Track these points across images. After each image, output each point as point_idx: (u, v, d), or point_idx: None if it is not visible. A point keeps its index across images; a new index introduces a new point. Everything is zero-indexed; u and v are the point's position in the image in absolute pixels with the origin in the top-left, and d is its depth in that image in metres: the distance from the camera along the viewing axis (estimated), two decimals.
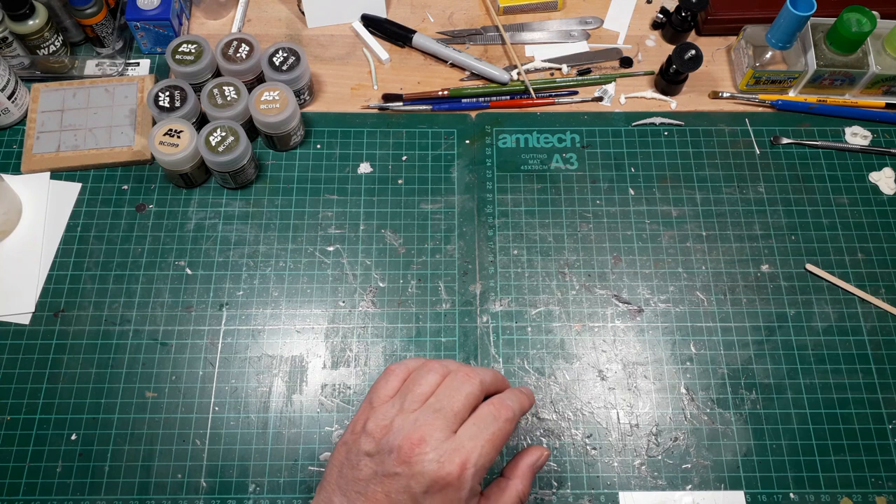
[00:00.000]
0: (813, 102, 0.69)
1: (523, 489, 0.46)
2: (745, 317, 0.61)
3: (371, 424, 0.43)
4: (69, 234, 0.63)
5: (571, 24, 0.75)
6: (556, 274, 0.62)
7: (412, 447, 0.41)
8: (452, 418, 0.42)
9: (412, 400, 0.43)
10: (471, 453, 0.41)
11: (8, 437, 0.56)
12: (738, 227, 0.64)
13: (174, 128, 0.61)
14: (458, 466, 0.40)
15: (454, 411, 0.42)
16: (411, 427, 0.41)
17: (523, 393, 0.47)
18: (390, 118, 0.69)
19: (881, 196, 0.66)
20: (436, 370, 0.45)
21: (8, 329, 0.59)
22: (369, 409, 0.44)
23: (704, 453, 0.56)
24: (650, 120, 0.69)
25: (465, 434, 0.42)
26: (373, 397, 0.45)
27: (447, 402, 0.42)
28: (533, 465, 0.47)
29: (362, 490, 0.42)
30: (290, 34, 0.74)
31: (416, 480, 0.40)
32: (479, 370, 0.45)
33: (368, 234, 0.64)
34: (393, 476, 0.41)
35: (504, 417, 0.43)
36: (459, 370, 0.45)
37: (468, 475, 0.41)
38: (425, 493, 0.40)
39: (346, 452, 0.44)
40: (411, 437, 0.41)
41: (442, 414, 0.42)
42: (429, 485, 0.40)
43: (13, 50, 0.68)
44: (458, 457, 0.41)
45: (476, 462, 0.41)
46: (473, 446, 0.41)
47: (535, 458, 0.48)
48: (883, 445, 0.56)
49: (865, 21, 0.64)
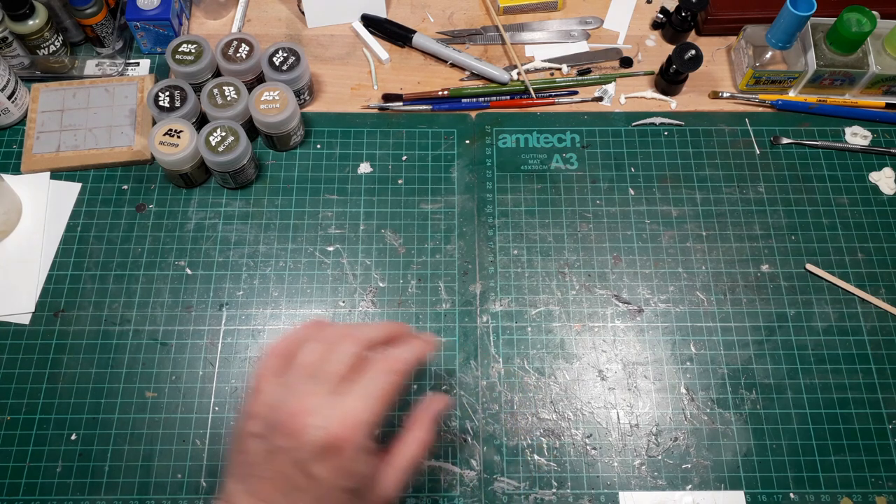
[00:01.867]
0: (813, 102, 0.69)
1: (423, 437, 0.46)
2: (745, 317, 0.61)
3: (256, 406, 0.42)
4: (69, 233, 0.63)
5: (571, 24, 0.75)
6: (556, 274, 0.62)
7: (295, 419, 0.40)
8: (334, 382, 0.41)
9: (294, 374, 0.43)
10: (355, 413, 0.41)
11: (8, 437, 0.56)
12: (738, 227, 0.64)
13: (174, 128, 0.61)
14: (343, 428, 0.40)
15: (335, 375, 0.42)
16: (293, 400, 0.41)
17: (420, 340, 0.46)
18: (390, 118, 0.69)
19: (881, 196, 0.66)
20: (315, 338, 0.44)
21: (8, 329, 0.59)
22: (255, 393, 0.44)
23: (704, 453, 0.56)
24: (650, 120, 0.69)
25: (348, 395, 0.41)
26: (257, 381, 0.44)
27: (327, 367, 0.42)
28: (431, 413, 0.47)
29: (257, 473, 0.41)
30: (290, 34, 0.74)
31: (303, 451, 0.40)
32: (361, 327, 0.45)
33: (368, 234, 0.64)
34: (281, 451, 0.40)
35: (388, 370, 0.42)
36: (337, 333, 0.44)
37: (355, 435, 0.40)
38: (315, 461, 0.40)
39: (238, 440, 0.43)
40: (293, 410, 0.40)
41: (323, 380, 0.41)
42: (317, 452, 0.40)
43: (13, 50, 0.67)
44: (343, 419, 0.40)
45: (362, 420, 0.41)
46: (357, 405, 0.41)
47: (434, 407, 0.47)
48: (883, 445, 0.56)
49: (865, 21, 0.64)
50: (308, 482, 0.40)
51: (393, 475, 0.44)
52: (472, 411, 0.57)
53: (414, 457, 0.45)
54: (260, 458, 0.42)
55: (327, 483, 0.41)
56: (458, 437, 0.56)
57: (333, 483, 0.41)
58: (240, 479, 0.42)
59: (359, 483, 0.42)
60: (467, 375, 0.58)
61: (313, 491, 0.41)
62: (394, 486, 0.44)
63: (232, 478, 0.43)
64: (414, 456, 0.45)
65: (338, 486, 0.41)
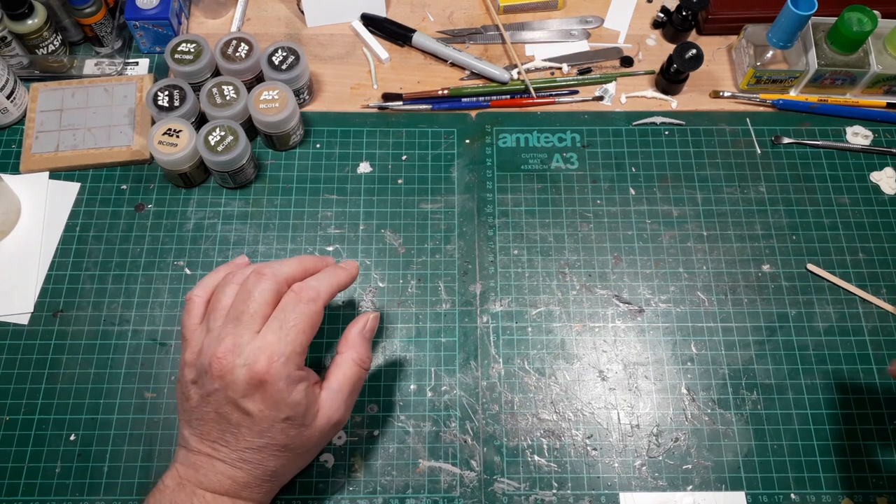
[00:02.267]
0: (814, 102, 0.69)
1: (357, 356, 0.48)
2: (746, 317, 0.61)
3: (187, 355, 0.45)
4: (68, 233, 0.63)
5: (572, 24, 0.75)
6: (557, 274, 0.62)
7: (220, 361, 0.43)
8: (252, 321, 0.44)
9: (215, 318, 0.45)
10: (275, 346, 0.43)
11: (7, 438, 0.55)
12: (738, 226, 0.64)
13: (173, 127, 0.61)
14: (266, 362, 0.42)
15: (253, 313, 0.44)
16: (216, 343, 0.43)
17: (339, 268, 0.48)
18: (390, 118, 0.69)
19: (882, 196, 0.66)
20: (231, 282, 0.46)
21: (7, 329, 0.59)
22: (184, 342, 0.46)
23: (705, 454, 0.56)
24: (651, 119, 0.69)
25: (267, 330, 0.43)
26: (184, 331, 0.47)
27: (243, 307, 0.44)
28: (361, 332, 0.49)
29: (199, 416, 0.44)
30: (289, 33, 0.74)
31: (232, 389, 0.42)
32: (275, 264, 0.46)
33: (368, 233, 0.64)
34: (214, 392, 0.43)
35: (305, 300, 0.44)
36: (252, 273, 0.46)
37: (278, 367, 0.43)
38: (244, 397, 0.43)
39: (179, 389, 0.46)
40: (217, 352, 0.43)
41: (241, 320, 0.44)
42: (244, 389, 0.42)
43: (12, 49, 0.67)
44: (264, 353, 0.42)
45: (283, 351, 0.43)
46: (277, 338, 0.43)
47: (362, 325, 0.49)
48: (884, 446, 0.56)
49: (866, 20, 0.64)
50: (243, 418, 0.43)
51: (331, 397, 0.46)
52: (472, 412, 0.57)
53: (349, 376, 0.47)
54: (199, 402, 0.44)
55: (262, 415, 0.43)
56: (458, 438, 0.56)
57: (268, 415, 0.43)
58: (189, 425, 0.46)
59: (294, 411, 0.44)
60: (467, 376, 0.58)
61: (251, 426, 0.43)
62: (336, 408, 0.47)
63: (183, 424, 0.46)
64: (348, 375, 0.47)
65: (275, 418, 0.43)
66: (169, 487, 0.45)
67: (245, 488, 0.45)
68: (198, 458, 0.45)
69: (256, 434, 0.44)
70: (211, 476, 0.44)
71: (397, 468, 0.55)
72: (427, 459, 0.55)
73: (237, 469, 0.44)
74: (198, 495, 0.44)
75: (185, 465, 0.45)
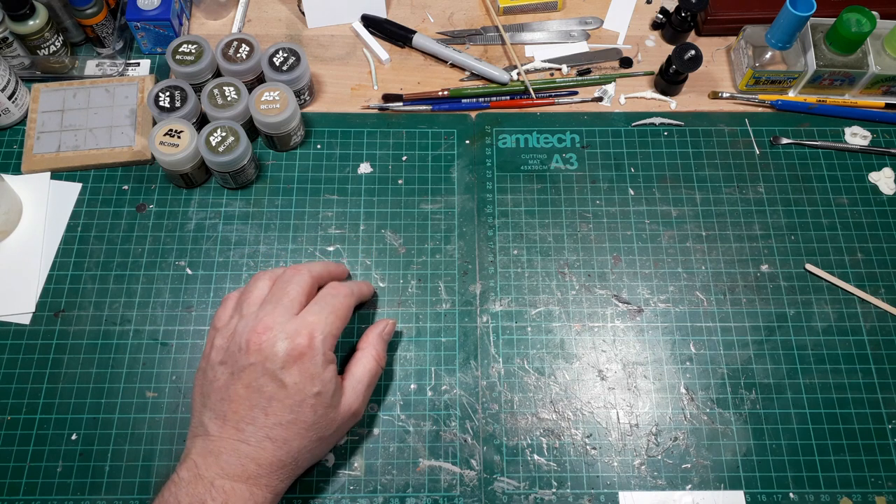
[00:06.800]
0: (812, 102, 0.69)
1: (377, 353, 0.52)
2: (745, 317, 0.61)
3: (218, 340, 0.47)
4: (69, 234, 0.63)
5: (571, 25, 0.75)
6: (556, 274, 0.62)
7: (259, 336, 0.45)
8: (290, 305, 0.46)
9: (249, 305, 0.47)
10: (316, 325, 0.46)
11: (8, 437, 0.56)
12: (737, 227, 0.65)
13: (174, 128, 0.61)
14: (307, 337, 0.45)
15: (291, 299, 0.47)
16: (253, 322, 0.45)
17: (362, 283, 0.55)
18: (390, 118, 0.69)
19: (881, 196, 0.66)
20: (264, 278, 0.50)
21: (8, 329, 0.59)
22: (213, 332, 0.48)
23: (704, 453, 0.56)
24: (650, 120, 0.69)
25: (307, 312, 0.46)
26: (215, 322, 0.49)
27: (281, 294, 0.47)
28: (380, 333, 0.53)
29: (224, 396, 0.45)
30: (290, 34, 0.74)
31: (271, 361, 0.44)
32: (307, 264, 0.51)
33: (368, 234, 0.64)
34: (248, 367, 0.44)
35: (341, 294, 0.49)
36: (286, 270, 0.50)
37: (318, 342, 0.45)
38: (283, 368, 0.44)
39: (202, 374, 0.47)
40: (256, 329, 0.45)
41: (280, 304, 0.46)
42: (284, 360, 0.44)
43: (13, 50, 0.68)
44: (305, 329, 0.45)
45: (323, 330, 0.46)
46: (317, 320, 0.46)
47: (381, 328, 0.54)
48: (882, 445, 0.56)
49: (865, 21, 0.64)
50: (277, 390, 0.45)
51: (353, 386, 0.50)
52: (472, 411, 0.57)
53: (368, 369, 0.51)
54: (226, 382, 0.45)
55: (296, 388, 0.45)
56: (458, 437, 0.56)
57: (302, 388, 0.45)
58: (210, 409, 0.46)
59: (325, 388, 0.46)
60: (467, 375, 0.58)
61: (284, 398, 0.45)
62: (356, 398, 0.50)
63: (200, 409, 0.47)
64: (368, 368, 0.51)
65: (307, 392, 0.45)
66: (184, 479, 0.44)
67: (266, 471, 0.45)
68: (219, 442, 0.45)
69: (287, 408, 0.45)
70: (233, 460, 0.44)
71: (397, 467, 0.55)
72: (427, 459, 0.55)
73: (262, 449, 0.45)
74: (216, 486, 0.44)
75: (203, 453, 0.45)
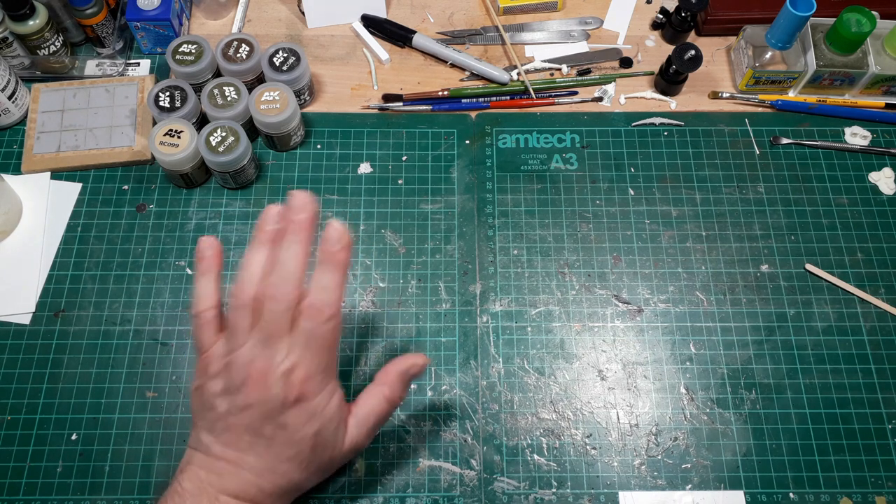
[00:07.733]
0: (812, 102, 0.69)
1: (389, 394, 0.48)
2: (745, 317, 0.61)
3: (213, 367, 0.45)
4: (69, 234, 0.63)
5: (571, 25, 0.75)
6: (556, 274, 0.62)
7: (257, 381, 0.44)
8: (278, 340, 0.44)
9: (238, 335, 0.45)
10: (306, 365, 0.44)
11: (8, 437, 0.56)
12: (737, 227, 0.65)
13: (174, 128, 0.61)
14: (302, 380, 0.44)
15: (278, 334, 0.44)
16: (248, 362, 0.44)
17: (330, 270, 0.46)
18: (390, 118, 0.69)
19: (881, 196, 0.66)
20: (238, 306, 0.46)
21: (8, 329, 0.59)
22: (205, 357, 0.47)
23: (704, 453, 0.56)
24: (650, 120, 0.69)
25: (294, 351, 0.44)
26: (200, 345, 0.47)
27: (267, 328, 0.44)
28: (402, 372, 0.49)
29: (224, 426, 0.45)
30: (290, 34, 0.74)
31: (270, 405, 0.44)
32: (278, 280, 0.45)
33: (368, 234, 0.64)
34: (248, 408, 0.44)
35: (320, 321, 0.44)
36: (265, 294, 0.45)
37: (315, 383, 0.44)
38: (281, 411, 0.44)
39: (200, 397, 0.46)
40: (252, 372, 0.44)
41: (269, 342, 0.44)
42: (283, 402, 0.44)
43: (13, 50, 0.68)
44: (302, 369, 0.44)
45: (318, 368, 0.44)
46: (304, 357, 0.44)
47: (406, 366, 0.49)
48: (882, 445, 0.56)
49: (865, 21, 0.64)
50: (278, 431, 0.44)
51: (357, 425, 0.48)
52: (472, 411, 0.57)
53: (376, 410, 0.48)
54: (225, 413, 0.45)
55: (296, 428, 0.44)
56: (458, 437, 0.56)
57: (302, 427, 0.44)
58: (210, 431, 0.46)
59: (324, 425, 0.45)
60: (467, 375, 0.58)
61: (286, 439, 0.45)
62: (359, 435, 0.48)
63: (200, 429, 0.46)
64: (376, 409, 0.48)
65: (307, 432, 0.45)
66: (189, 491, 0.44)
67: (269, 498, 0.45)
68: (221, 464, 0.44)
69: (288, 446, 0.44)
70: (235, 483, 0.44)
71: (397, 467, 0.55)
72: (427, 459, 0.55)
73: (263, 479, 0.45)
74: (221, 501, 0.44)
75: (206, 469, 0.45)
